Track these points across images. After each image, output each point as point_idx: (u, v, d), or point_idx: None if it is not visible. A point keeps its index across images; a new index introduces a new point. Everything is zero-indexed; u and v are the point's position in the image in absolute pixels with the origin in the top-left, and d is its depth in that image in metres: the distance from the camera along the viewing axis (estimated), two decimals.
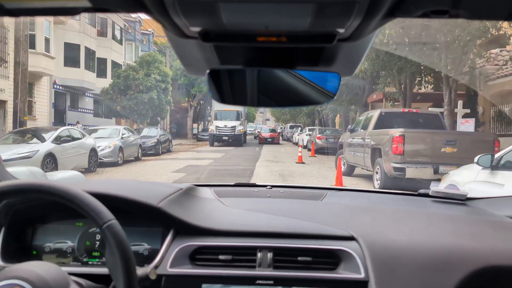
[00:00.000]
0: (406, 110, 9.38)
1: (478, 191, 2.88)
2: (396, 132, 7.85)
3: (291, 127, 39.50)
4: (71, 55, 23.67)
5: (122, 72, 23.90)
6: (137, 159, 16.24)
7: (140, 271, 0.97)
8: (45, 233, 1.30)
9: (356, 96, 23.16)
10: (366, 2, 0.48)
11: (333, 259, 1.17)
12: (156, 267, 1.14)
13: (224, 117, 27.05)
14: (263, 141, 30.80)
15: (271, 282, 1.12)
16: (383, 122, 9.37)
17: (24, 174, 2.25)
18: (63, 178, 2.52)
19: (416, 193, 1.81)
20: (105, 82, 25.70)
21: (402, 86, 15.85)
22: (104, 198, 1.02)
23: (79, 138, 12.02)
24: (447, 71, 11.83)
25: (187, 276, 1.14)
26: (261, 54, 0.68)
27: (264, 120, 77.87)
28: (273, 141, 31.14)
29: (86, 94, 26.50)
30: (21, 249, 1.28)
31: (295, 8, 0.51)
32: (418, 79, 15.16)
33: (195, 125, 38.94)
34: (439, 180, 6.27)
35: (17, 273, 0.83)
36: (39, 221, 1.31)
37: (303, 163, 15.36)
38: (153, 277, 0.98)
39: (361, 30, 0.57)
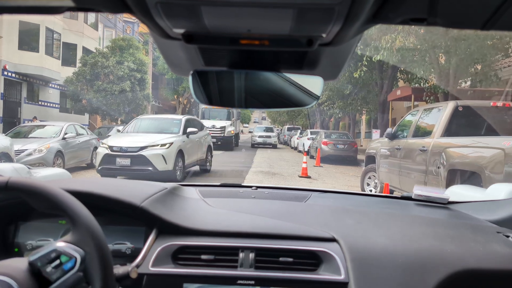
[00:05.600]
0: (500, 103, 5.45)
1: (460, 195, 2.07)
2: None
3: (289, 129, 35.50)
4: (28, 36, 19.61)
5: (89, 59, 19.83)
6: (90, 166, 12.32)
7: (121, 269, 0.97)
8: (27, 231, 1.29)
9: (369, 94, 19.35)
10: (345, 9, 0.49)
11: (314, 260, 1.16)
12: (137, 266, 1.13)
13: (213, 116, 23.44)
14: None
15: (252, 282, 1.12)
16: (461, 124, 5.48)
17: (8, 170, 2.23)
18: (48, 175, 2.53)
19: (399, 196, 1.85)
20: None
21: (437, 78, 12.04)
22: (87, 196, 1.15)
23: None
24: None
25: (169, 275, 1.13)
26: (245, 56, 0.68)
27: (260, 120, 74.39)
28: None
29: (50, 84, 22.41)
30: (3, 247, 1.27)
31: (275, 12, 0.51)
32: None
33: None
34: None
35: (1, 269, 0.82)
36: (21, 219, 1.30)
37: (309, 177, 11.48)
38: (134, 275, 0.97)
39: (342, 35, 0.57)
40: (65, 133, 11.22)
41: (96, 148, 12.94)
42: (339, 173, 13.28)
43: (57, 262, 0.83)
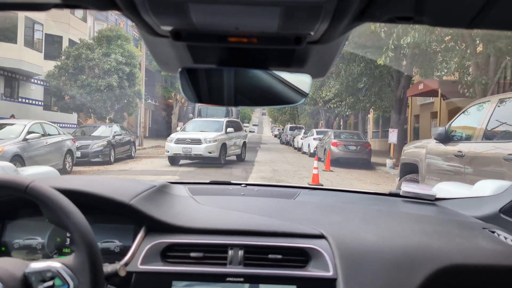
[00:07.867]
0: None
1: (447, 191, 1.98)
2: None
3: (292, 128, 33.53)
4: (4, 26, 17.73)
5: (73, 51, 17.93)
6: (62, 171, 10.46)
7: (110, 267, 0.96)
8: (14, 229, 1.28)
9: (382, 89, 17.45)
10: (332, 7, 0.49)
11: (303, 257, 1.16)
12: (126, 264, 1.12)
13: (210, 114, 21.68)
14: None
15: (242, 279, 1.12)
16: None
17: None
18: (36, 173, 2.38)
19: (387, 193, 1.84)
20: None
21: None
22: (75, 194, 1.14)
23: None
24: None
25: (158, 273, 1.13)
26: (233, 54, 0.68)
27: (261, 116, 72.77)
28: None
29: (32, 80, 20.53)
30: None
31: (263, 10, 0.51)
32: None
33: (181, 124, 33.21)
34: None
35: None
36: (8, 217, 1.28)
37: (321, 185, 9.60)
38: (122, 273, 0.96)
39: (330, 33, 0.58)
40: (28, 133, 9.34)
41: (70, 150, 11.10)
42: (354, 180, 11.41)
43: (50, 283, 0.83)
